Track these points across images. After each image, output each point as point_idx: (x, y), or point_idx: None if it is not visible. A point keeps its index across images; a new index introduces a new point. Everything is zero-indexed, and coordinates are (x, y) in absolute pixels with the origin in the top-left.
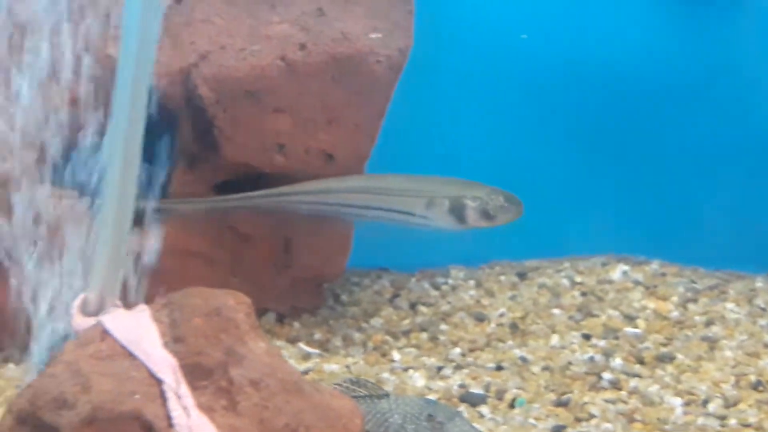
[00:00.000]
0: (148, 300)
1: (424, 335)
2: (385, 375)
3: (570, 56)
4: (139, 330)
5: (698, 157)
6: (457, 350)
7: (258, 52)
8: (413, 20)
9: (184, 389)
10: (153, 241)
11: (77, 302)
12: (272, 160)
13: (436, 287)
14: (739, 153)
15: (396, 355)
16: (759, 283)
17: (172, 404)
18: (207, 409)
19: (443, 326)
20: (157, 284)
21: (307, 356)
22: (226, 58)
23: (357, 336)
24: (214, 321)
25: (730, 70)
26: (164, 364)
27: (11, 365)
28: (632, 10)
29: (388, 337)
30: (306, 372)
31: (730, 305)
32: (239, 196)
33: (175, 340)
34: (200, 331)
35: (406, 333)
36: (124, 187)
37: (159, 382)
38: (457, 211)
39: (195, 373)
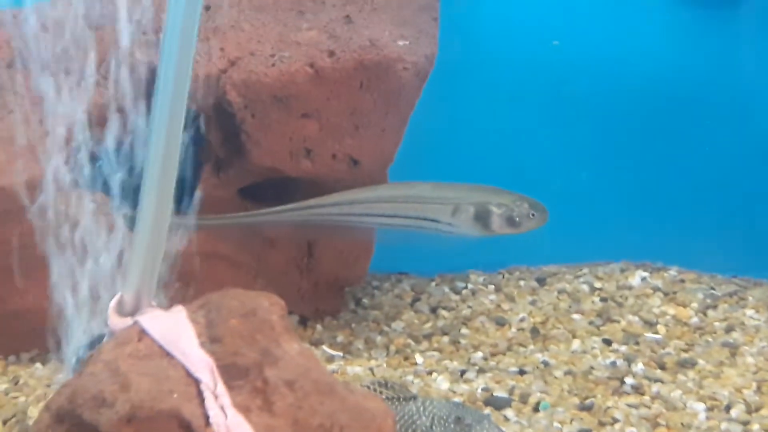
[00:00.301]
0: (176, 301)
1: (446, 339)
2: (409, 378)
3: (593, 63)
4: (176, 330)
5: (715, 163)
6: (479, 354)
7: (287, 59)
8: (438, 27)
9: (221, 389)
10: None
11: (113, 303)
12: (299, 165)
13: (456, 291)
14: (757, 159)
15: (419, 359)
16: None
17: (210, 403)
18: (243, 409)
19: (464, 330)
20: (184, 286)
21: (330, 359)
22: (255, 63)
23: (379, 339)
24: (250, 322)
25: (750, 75)
26: (201, 363)
27: (38, 365)
28: (660, 17)
29: (410, 341)
30: None
31: (749, 312)
32: (270, 211)
33: (211, 340)
34: (236, 332)
35: (428, 336)
36: (163, 188)
37: (196, 381)
38: (483, 217)
39: (231, 373)
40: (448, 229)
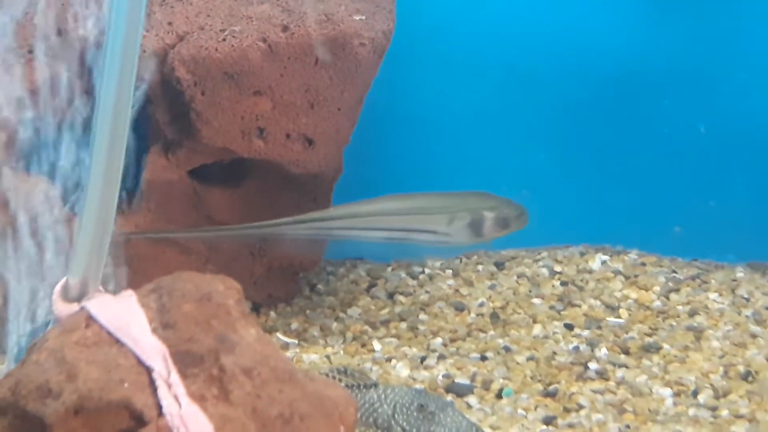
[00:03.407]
0: (124, 286)
1: (404, 325)
2: (368, 365)
3: (552, 43)
4: (126, 316)
5: (674, 146)
6: (439, 340)
7: (238, 33)
8: (395, 2)
9: (175, 377)
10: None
11: (58, 287)
12: (251, 145)
13: (413, 277)
14: (716, 143)
15: (377, 345)
16: (740, 273)
17: (163, 393)
18: (198, 398)
19: (422, 316)
20: (131, 272)
21: (285, 346)
22: (204, 39)
23: (335, 326)
24: (204, 307)
25: (712, 57)
26: (154, 351)
27: None
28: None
29: (366, 327)
30: None
31: (713, 295)
32: (269, 223)
33: (164, 326)
34: (191, 317)
35: (385, 323)
36: (109, 170)
37: (148, 369)
38: (476, 224)
39: (185, 361)
40: (444, 239)
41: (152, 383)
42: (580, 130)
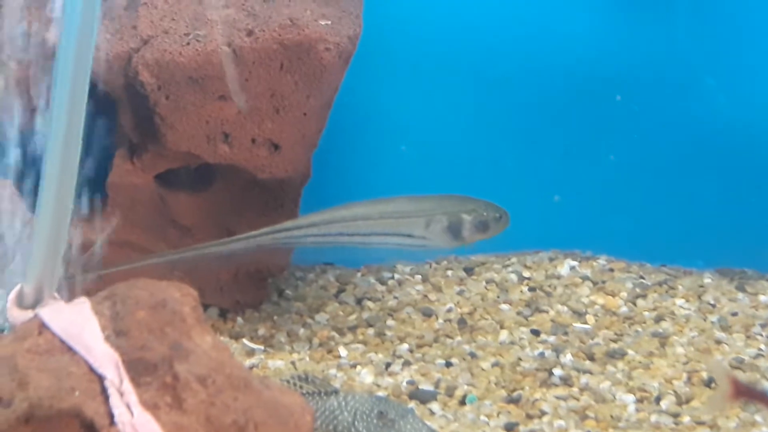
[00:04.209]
0: (87, 293)
1: (371, 331)
2: (332, 371)
3: (518, 47)
4: (79, 323)
5: (644, 150)
6: (405, 346)
7: (203, 38)
8: (362, 7)
9: (127, 385)
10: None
11: (12, 294)
12: (217, 150)
13: (383, 282)
14: (686, 147)
15: (343, 351)
16: (707, 279)
17: (114, 401)
18: (151, 407)
19: (390, 322)
20: (97, 277)
21: (251, 352)
22: (169, 43)
23: (302, 332)
24: (159, 314)
25: (681, 61)
26: (106, 358)
27: None
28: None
29: (334, 333)
30: (250, 368)
31: (679, 301)
32: (243, 236)
33: (117, 333)
34: (144, 325)
35: (353, 329)
36: (64, 174)
37: (100, 378)
38: (455, 227)
39: (138, 369)
40: (421, 242)
41: (104, 391)
42: (549, 135)
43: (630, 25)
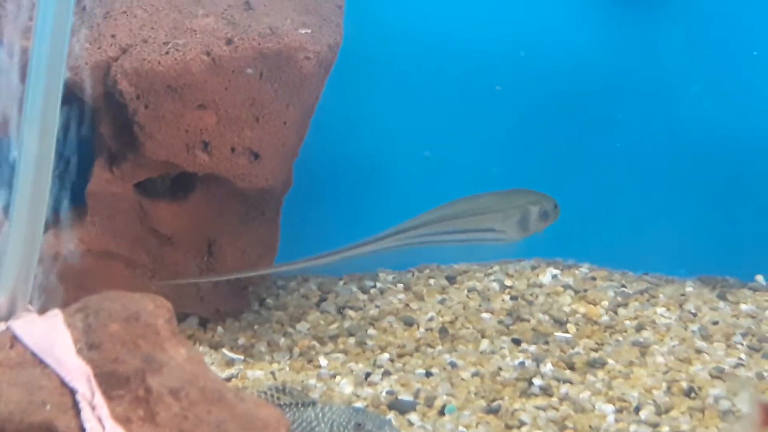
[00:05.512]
0: (65, 305)
1: (352, 340)
2: (312, 382)
3: (504, 55)
4: (51, 336)
5: (627, 159)
6: (386, 356)
7: (182, 46)
8: (343, 15)
9: (99, 399)
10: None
11: None
12: (196, 159)
13: (364, 291)
14: (668, 156)
15: (323, 361)
16: (689, 288)
17: (86, 415)
18: (123, 420)
19: (371, 331)
20: (74, 288)
21: (230, 362)
22: (148, 51)
23: (283, 341)
24: (131, 326)
25: (666, 69)
26: (78, 372)
27: None
28: (575, 8)
29: (314, 343)
30: (229, 378)
31: (660, 310)
32: (345, 248)
33: (89, 346)
34: (117, 338)
35: (334, 338)
36: (38, 185)
37: (72, 391)
38: (524, 219)
39: (111, 382)
40: (501, 236)
41: (76, 405)
42: (533, 143)
43: (615, 33)
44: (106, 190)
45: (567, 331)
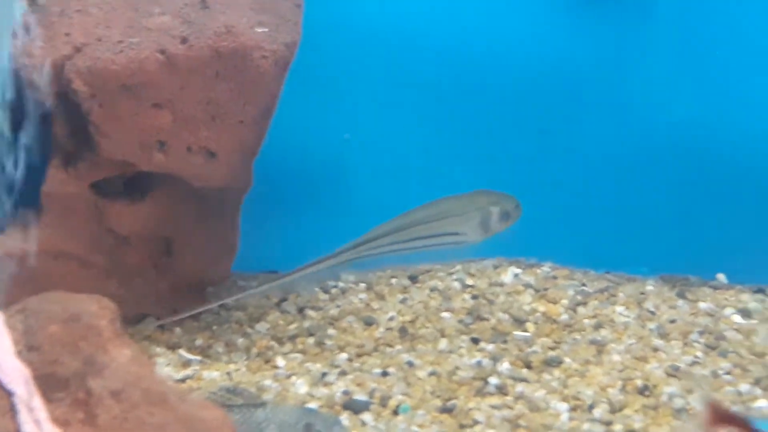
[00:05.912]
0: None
1: (311, 340)
2: (267, 382)
3: (468, 56)
4: None
5: (589, 157)
6: (344, 355)
7: (136, 45)
8: (302, 14)
9: (37, 401)
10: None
11: None
12: (152, 158)
13: (326, 291)
14: (631, 154)
15: (280, 361)
16: (650, 287)
17: (24, 418)
18: (62, 423)
19: (331, 331)
20: (28, 289)
21: (187, 363)
22: (102, 50)
23: (241, 341)
24: (72, 328)
25: (631, 73)
26: (15, 374)
27: None
28: (532, 7)
29: (273, 343)
30: (184, 379)
31: (619, 308)
32: (314, 262)
33: (29, 348)
34: (56, 339)
35: (293, 338)
36: None
37: (9, 394)
38: (485, 221)
39: (50, 384)
40: (463, 239)
41: (13, 408)
42: (496, 142)
43: (581, 31)
44: (61, 190)
45: (526, 330)
